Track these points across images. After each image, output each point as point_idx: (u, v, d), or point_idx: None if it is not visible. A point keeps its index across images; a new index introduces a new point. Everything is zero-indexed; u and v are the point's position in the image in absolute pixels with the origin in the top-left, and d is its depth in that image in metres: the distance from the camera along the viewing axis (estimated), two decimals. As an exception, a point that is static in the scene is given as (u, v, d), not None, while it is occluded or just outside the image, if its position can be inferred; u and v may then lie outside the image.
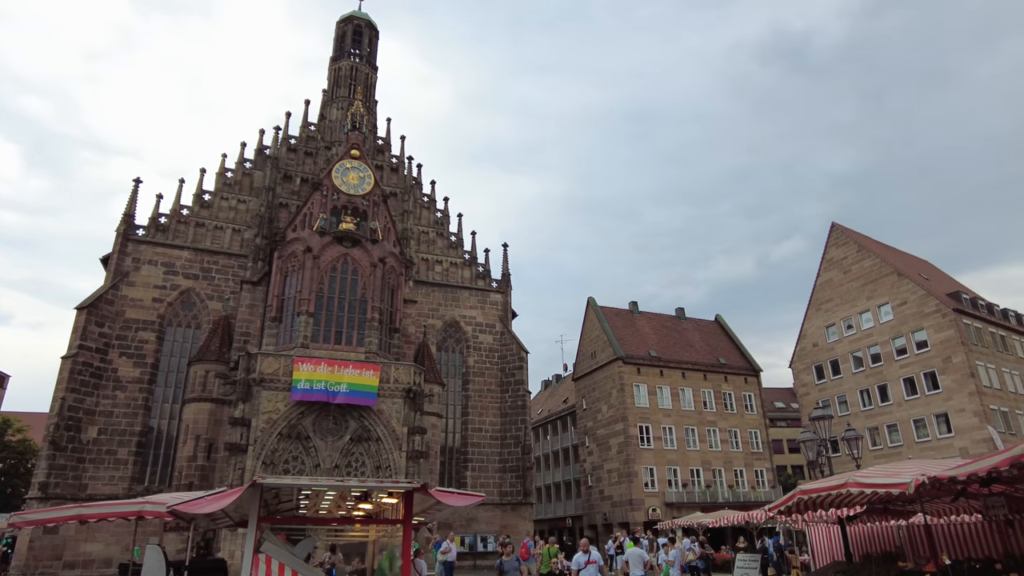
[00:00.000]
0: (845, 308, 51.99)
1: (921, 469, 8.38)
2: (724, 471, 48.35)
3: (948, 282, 55.32)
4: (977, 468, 7.10)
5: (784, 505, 10.82)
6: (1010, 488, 10.95)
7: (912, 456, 39.07)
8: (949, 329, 44.48)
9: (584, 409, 52.56)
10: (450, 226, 44.30)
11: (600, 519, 47.73)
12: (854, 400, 49.93)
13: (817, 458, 14.51)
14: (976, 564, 11.53)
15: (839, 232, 54.59)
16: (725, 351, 54.76)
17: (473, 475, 38.23)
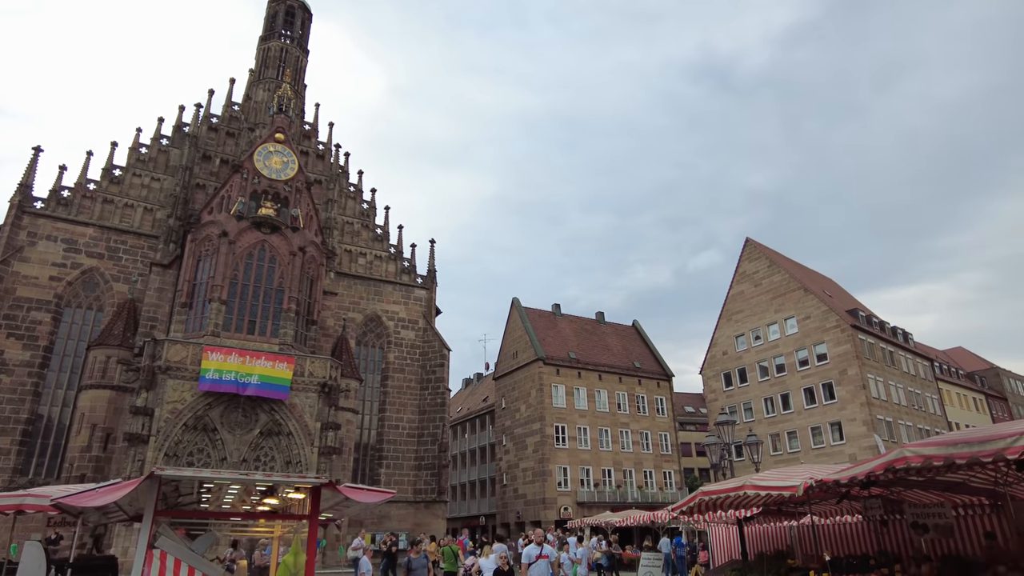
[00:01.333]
0: (754, 319, 54.63)
1: (810, 473, 8.97)
2: (634, 472, 49.82)
3: (848, 299, 59.09)
4: (857, 472, 7.67)
5: (687, 506, 11.30)
6: (887, 491, 11.86)
7: (807, 461, 41.53)
8: (846, 344, 47.55)
9: (503, 408, 52.92)
10: (376, 218, 43.61)
11: (513, 517, 48.19)
12: (759, 407, 52.54)
13: (720, 461, 15.23)
14: (854, 560, 12.45)
15: (752, 247, 57.29)
16: (640, 355, 56.42)
17: (388, 472, 37.77)
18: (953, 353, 76.95)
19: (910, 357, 54.90)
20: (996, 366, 74.37)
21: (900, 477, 9.99)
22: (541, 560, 10.97)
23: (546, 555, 11.13)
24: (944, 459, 6.64)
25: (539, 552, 11.11)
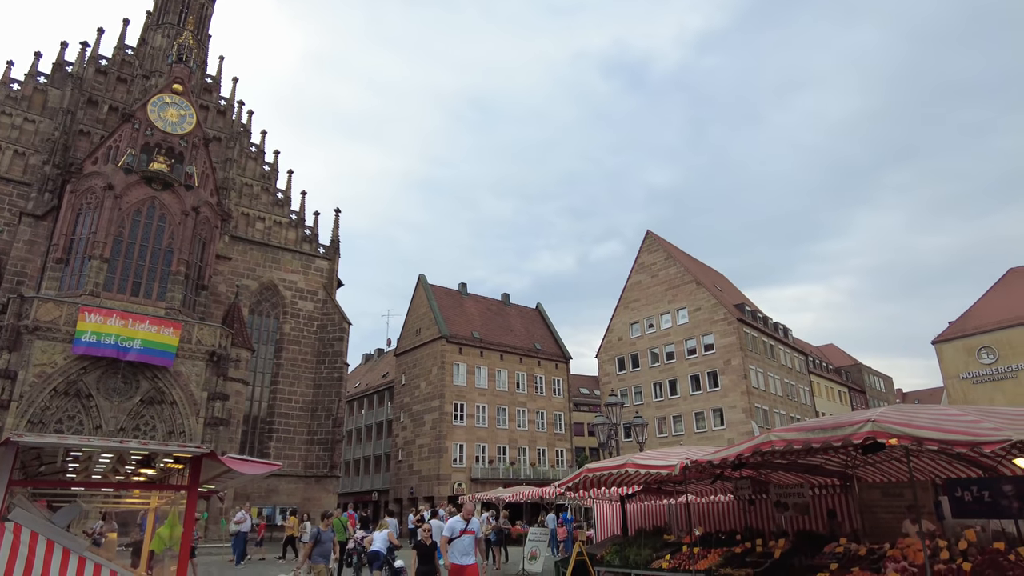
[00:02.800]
0: (649, 309, 57.04)
1: (687, 454, 9.59)
2: (528, 450, 51.02)
3: (736, 295, 62.78)
4: (729, 454, 8.28)
5: (572, 482, 11.75)
6: (756, 473, 12.84)
7: (689, 444, 44.07)
8: (732, 336, 50.61)
9: (403, 385, 52.57)
10: (278, 182, 41.83)
11: (407, 493, 48.20)
12: (648, 392, 55.11)
13: (607, 441, 15.93)
14: (722, 535, 13.43)
15: (652, 239, 59.60)
16: (542, 338, 57.59)
17: (278, 446, 36.69)
18: (825, 349, 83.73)
19: (788, 351, 59.21)
20: (860, 363, 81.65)
21: (767, 460, 10.85)
22: (465, 536, 9.93)
23: (471, 530, 10.07)
24: (803, 443, 7.28)
25: (464, 527, 10.01)
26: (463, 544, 9.73)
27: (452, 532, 9.88)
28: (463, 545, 9.73)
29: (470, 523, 10.08)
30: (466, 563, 9.69)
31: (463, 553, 9.69)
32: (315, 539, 11.67)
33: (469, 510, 10.33)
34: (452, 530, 9.92)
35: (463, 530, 9.86)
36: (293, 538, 23.88)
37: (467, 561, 9.70)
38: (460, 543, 9.72)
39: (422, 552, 10.02)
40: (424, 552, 10.01)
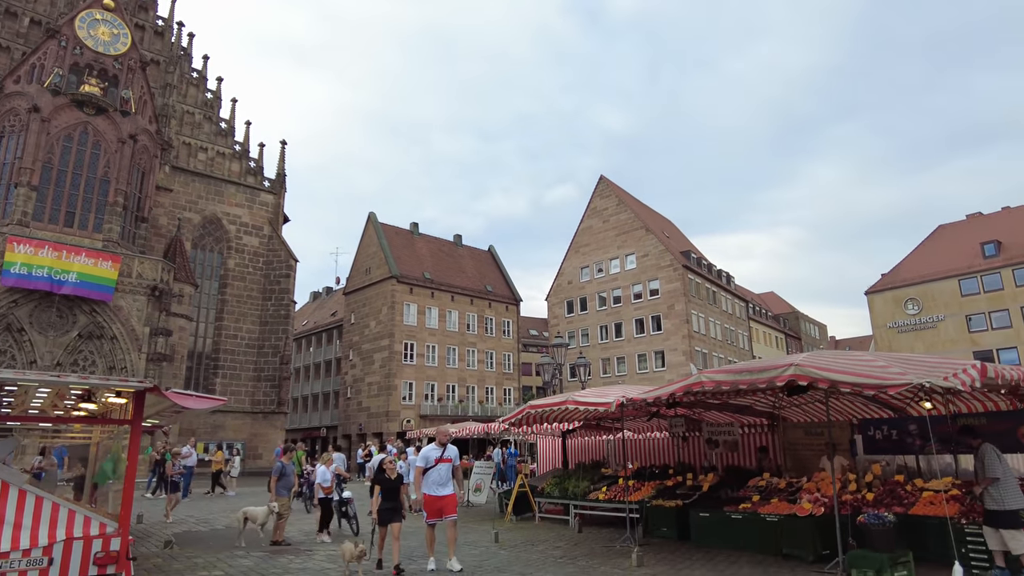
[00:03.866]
0: (599, 253, 57.86)
1: (623, 392, 10.06)
2: (477, 388, 52.03)
3: (683, 241, 64.12)
4: (661, 393, 8.75)
5: (516, 418, 12.20)
6: (690, 411, 13.57)
7: (631, 385, 45.67)
8: (677, 281, 51.99)
9: (352, 324, 52.40)
10: (221, 111, 40.02)
11: (355, 429, 48.77)
12: (595, 334, 56.49)
13: (552, 380, 16.48)
14: (656, 469, 14.25)
15: (605, 185, 59.90)
16: (493, 279, 57.93)
17: (224, 382, 36.40)
18: (766, 297, 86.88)
19: (729, 298, 61.27)
20: (797, 311, 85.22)
21: (700, 399, 11.46)
22: (442, 464, 8.84)
23: (448, 458, 8.93)
24: (731, 384, 7.75)
25: (440, 454, 8.88)
26: (439, 473, 8.85)
27: (427, 461, 8.88)
28: (439, 475, 8.85)
29: (446, 450, 9.04)
30: (443, 493, 8.80)
31: (440, 483, 8.83)
32: (279, 473, 11.88)
33: (444, 434, 9.23)
34: (427, 459, 8.91)
35: (439, 458, 8.88)
36: (219, 472, 24.12)
37: (444, 491, 8.83)
38: (436, 472, 8.83)
39: (387, 487, 8.94)
40: (389, 487, 8.97)
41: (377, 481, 8.95)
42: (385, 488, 8.84)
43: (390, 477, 8.98)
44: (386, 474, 8.99)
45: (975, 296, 48.91)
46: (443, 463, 8.91)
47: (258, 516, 11.08)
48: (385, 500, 8.78)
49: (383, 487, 8.83)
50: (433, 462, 8.87)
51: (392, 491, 8.93)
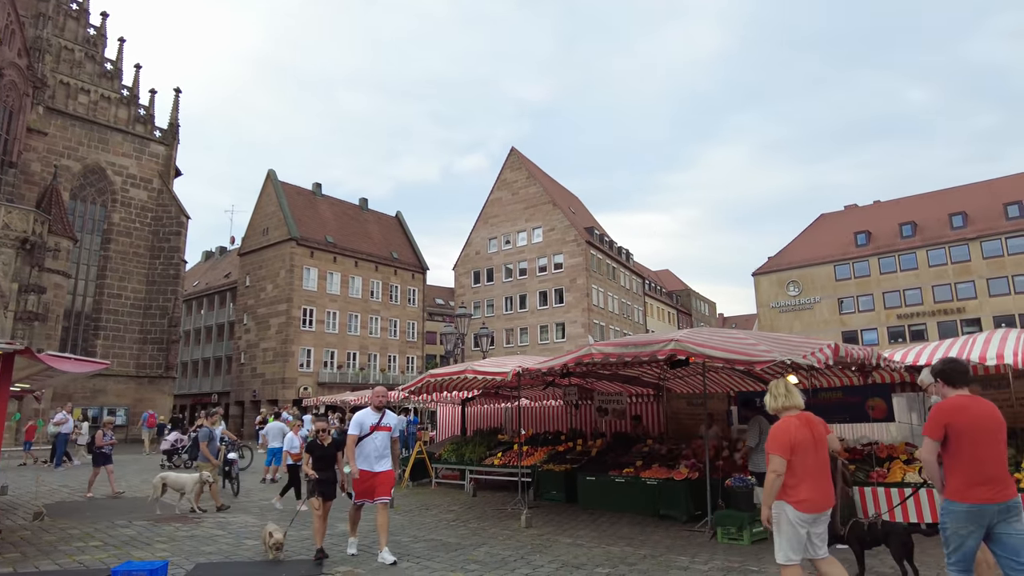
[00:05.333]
0: (507, 225, 58.40)
1: (520, 363, 10.41)
2: (379, 356, 51.57)
3: (588, 217, 65.74)
4: (555, 363, 9.15)
5: (415, 386, 12.34)
6: (584, 381, 14.21)
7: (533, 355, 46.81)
8: (580, 256, 53.45)
9: (247, 286, 50.30)
10: (106, 50, 36.79)
11: (249, 396, 47.22)
12: (500, 305, 57.26)
13: (454, 349, 16.70)
14: (549, 435, 14.90)
15: (516, 157, 60.24)
16: (400, 246, 57.20)
17: (106, 344, 34.15)
18: (661, 274, 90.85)
19: (628, 274, 63.67)
20: (690, 288, 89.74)
21: (592, 370, 12.04)
22: (378, 433, 7.31)
23: (387, 426, 7.42)
24: (617, 356, 8.23)
25: (377, 420, 7.35)
26: (375, 444, 7.27)
27: (361, 428, 7.29)
28: (375, 445, 7.27)
29: (384, 416, 7.44)
30: (379, 469, 7.23)
31: (377, 456, 7.26)
32: (208, 438, 11.65)
33: (380, 395, 7.62)
34: (361, 425, 7.31)
35: (375, 425, 7.32)
36: None
37: (381, 466, 7.27)
38: (371, 443, 7.26)
39: (318, 456, 7.62)
40: (321, 456, 7.63)
41: (309, 449, 7.78)
42: (317, 457, 7.60)
43: (323, 444, 7.73)
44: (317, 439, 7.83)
45: (847, 281, 53.41)
46: (380, 431, 7.35)
47: (185, 484, 10.69)
48: (318, 470, 7.56)
49: (314, 456, 7.61)
50: (368, 429, 7.30)
51: (325, 460, 7.61)
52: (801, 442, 4.38)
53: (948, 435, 4.11)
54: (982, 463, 4.05)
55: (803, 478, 4.36)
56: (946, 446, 4.13)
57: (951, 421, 4.10)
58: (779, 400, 4.61)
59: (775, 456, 4.37)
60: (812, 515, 4.38)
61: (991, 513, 4.00)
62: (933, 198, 54.58)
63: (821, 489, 4.43)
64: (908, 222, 52.38)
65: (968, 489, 4.02)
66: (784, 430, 4.42)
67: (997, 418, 4.18)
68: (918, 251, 50.45)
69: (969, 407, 4.15)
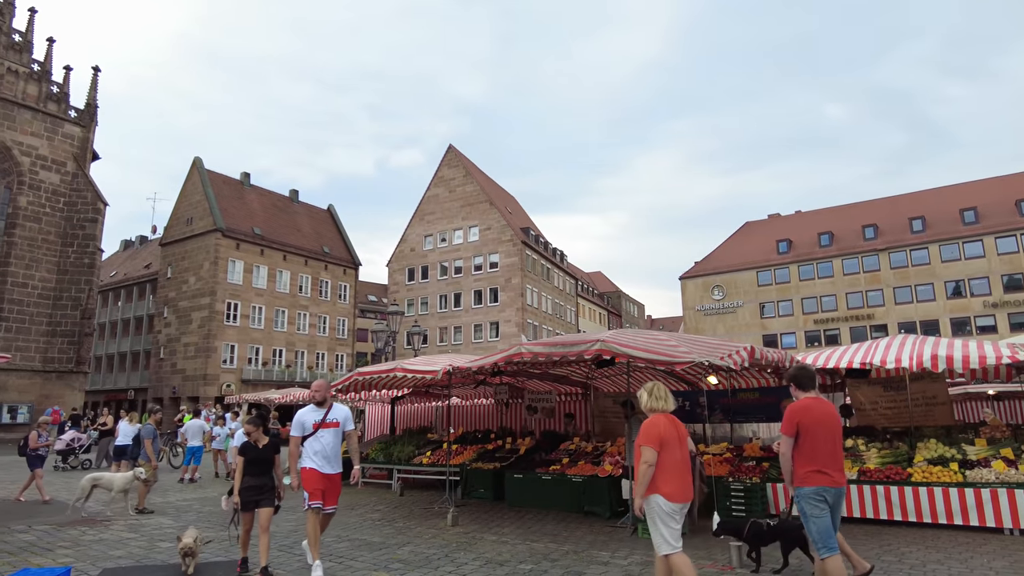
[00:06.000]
0: (443, 223, 58.14)
1: (450, 361, 10.42)
2: (307, 353, 50.33)
3: (524, 218, 66.23)
4: (485, 362, 9.21)
5: (343, 384, 12.14)
6: (514, 380, 14.34)
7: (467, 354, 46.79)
8: (515, 256, 53.79)
9: (169, 278, 48.11)
10: (13, 20, 34.40)
11: (168, 392, 45.17)
12: (434, 303, 56.94)
13: (384, 347, 16.48)
14: (479, 434, 14.95)
15: (454, 154, 60.03)
16: (331, 241, 55.99)
17: (8, 337, 31.91)
18: (594, 275, 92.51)
19: (562, 275, 64.52)
20: (621, 290, 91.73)
21: (522, 369, 12.18)
22: (326, 431, 6.42)
23: (334, 421, 6.50)
24: (546, 356, 8.36)
25: (321, 417, 6.46)
26: (323, 444, 6.38)
27: (303, 428, 6.43)
28: (323, 445, 6.38)
29: (331, 410, 6.54)
30: (329, 470, 6.42)
31: (324, 456, 6.38)
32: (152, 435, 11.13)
33: (321, 388, 6.70)
34: (302, 425, 6.44)
35: (320, 422, 6.43)
36: None
37: (332, 468, 6.45)
38: (318, 442, 6.39)
39: (252, 459, 6.54)
40: (256, 458, 6.56)
41: (242, 452, 6.61)
42: (250, 460, 6.52)
43: (257, 445, 6.60)
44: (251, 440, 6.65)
45: (768, 286, 55.82)
46: (327, 428, 6.42)
47: (115, 483, 10.07)
48: (251, 476, 6.47)
49: (247, 458, 6.51)
50: (311, 428, 6.42)
51: (260, 464, 6.55)
52: (669, 438, 4.76)
53: (799, 431, 4.78)
54: (822, 455, 4.76)
55: (669, 471, 4.70)
56: (796, 441, 4.80)
57: (801, 420, 4.79)
58: (655, 401, 4.96)
59: (647, 448, 4.69)
60: (678, 505, 4.72)
61: (832, 495, 4.77)
62: (848, 210, 57.79)
63: (684, 483, 4.78)
64: (826, 232, 55.24)
65: (813, 476, 4.73)
66: (655, 425, 4.79)
67: (835, 417, 4.95)
68: (834, 260, 53.29)
69: (813, 408, 4.85)
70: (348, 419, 6.68)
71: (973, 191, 52.02)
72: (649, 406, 4.97)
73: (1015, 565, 6.49)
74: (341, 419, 6.59)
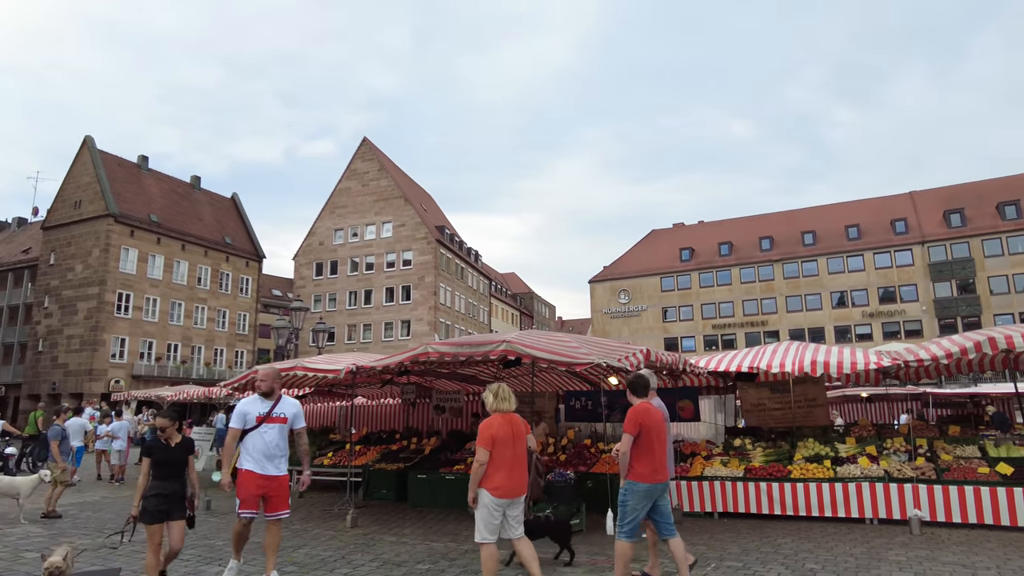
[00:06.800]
0: (356, 217, 56.90)
1: (354, 360, 10.23)
2: (204, 349, 47.91)
3: (439, 216, 65.90)
4: (390, 362, 9.11)
5: (240, 382, 11.65)
6: (423, 379, 14.25)
7: (376, 352, 45.98)
8: (429, 255, 53.42)
9: (52, 264, 44.46)
10: None
11: (47, 388, 41.73)
12: (343, 299, 55.62)
13: (286, 344, 15.95)
14: (384, 434, 14.75)
15: (368, 147, 58.89)
16: (234, 231, 53.55)
17: None
18: (507, 276, 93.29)
19: (476, 275, 64.64)
20: (533, 292, 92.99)
21: (430, 368, 12.12)
22: (270, 426, 5.67)
23: (281, 416, 5.77)
24: (452, 355, 8.38)
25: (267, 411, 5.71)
26: (266, 440, 5.61)
27: (245, 420, 5.63)
28: (266, 442, 5.61)
29: (279, 403, 5.80)
30: (272, 472, 5.67)
31: (268, 455, 5.64)
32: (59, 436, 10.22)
33: (271, 377, 5.87)
34: (244, 417, 5.64)
35: (263, 415, 5.65)
36: None
37: (276, 468, 5.70)
38: (260, 439, 5.61)
39: (161, 460, 5.46)
40: (165, 460, 5.48)
41: (148, 451, 5.47)
42: (159, 461, 5.44)
43: (169, 443, 5.53)
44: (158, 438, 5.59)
45: (671, 292, 58.22)
46: (273, 424, 5.67)
47: (21, 488, 9.12)
48: (160, 480, 5.40)
49: (155, 459, 5.43)
50: (254, 421, 5.63)
51: (171, 467, 5.50)
52: (502, 437, 5.10)
53: (641, 431, 5.33)
54: (659, 453, 5.41)
55: (500, 468, 5.06)
56: (636, 441, 5.34)
57: (643, 421, 5.36)
58: (500, 402, 5.31)
59: (480, 448, 5.09)
60: (506, 500, 5.08)
61: (659, 490, 5.41)
62: (747, 222, 61.17)
63: (515, 478, 5.13)
64: (726, 242, 58.23)
65: (650, 474, 5.31)
66: (488, 426, 5.14)
67: (666, 419, 5.71)
68: (732, 269, 56.26)
69: (650, 411, 5.48)
70: (299, 415, 5.99)
71: (857, 209, 56.35)
72: (494, 407, 5.28)
73: (871, 551, 7.12)
74: (290, 415, 5.90)
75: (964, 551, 7.07)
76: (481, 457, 5.06)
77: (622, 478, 5.42)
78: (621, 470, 5.42)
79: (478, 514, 5.11)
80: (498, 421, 5.17)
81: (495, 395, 5.33)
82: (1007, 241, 47.87)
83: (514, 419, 5.29)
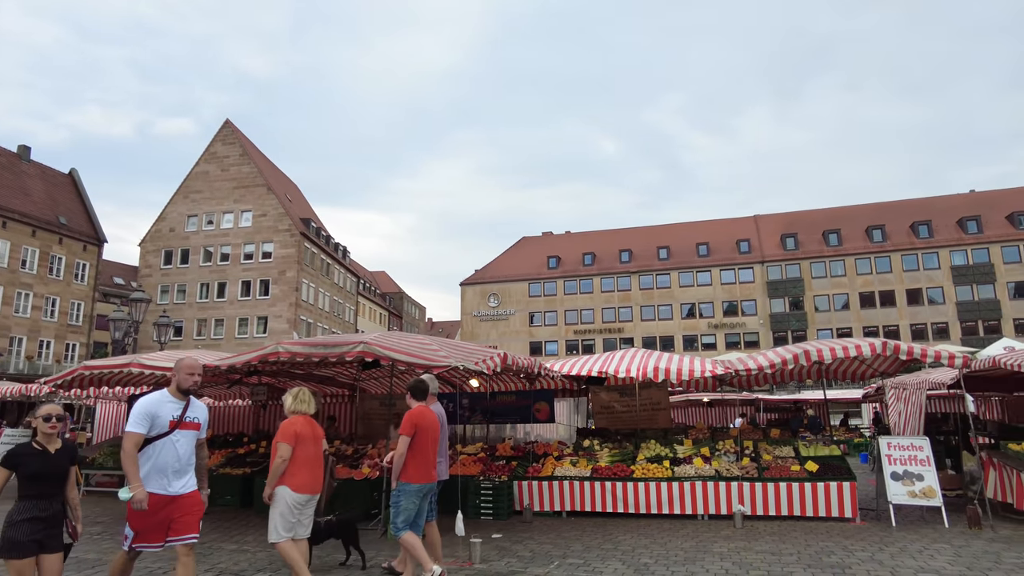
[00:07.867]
0: (212, 204, 53.23)
1: (199, 358, 9.58)
2: (26, 340, 42.65)
3: (305, 208, 63.26)
4: (237, 361, 8.63)
5: (63, 379, 10.53)
6: (274, 380, 13.62)
7: (228, 350, 43.22)
8: (292, 248, 51.10)
9: None
10: None
11: None
12: (194, 291, 51.78)
13: (124, 338, 14.58)
14: (231, 437, 13.93)
15: (230, 130, 55.38)
16: (70, 211, 48.19)
17: None
18: (377, 275, 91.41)
19: (343, 271, 62.73)
20: (403, 292, 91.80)
21: (283, 369, 11.62)
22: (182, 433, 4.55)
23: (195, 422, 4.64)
24: (305, 356, 8.10)
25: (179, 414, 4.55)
26: (177, 450, 4.50)
27: (152, 423, 4.42)
28: (177, 453, 4.51)
29: (190, 407, 4.67)
30: (178, 490, 4.50)
31: (176, 470, 4.51)
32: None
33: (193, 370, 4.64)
34: (151, 419, 4.43)
35: (177, 419, 4.52)
36: None
37: (183, 486, 4.55)
38: (170, 448, 4.47)
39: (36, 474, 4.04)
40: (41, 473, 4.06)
41: (13, 462, 4.02)
42: (33, 475, 4.04)
43: (47, 450, 4.14)
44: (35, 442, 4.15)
45: (538, 298, 59.92)
46: (186, 430, 4.59)
47: None
48: (31, 500, 4.02)
49: (28, 473, 4.03)
50: (167, 426, 4.48)
51: (48, 482, 4.10)
52: (304, 436, 5.39)
53: (416, 432, 5.61)
54: (429, 456, 5.74)
55: (303, 465, 5.35)
56: (412, 441, 5.61)
57: (418, 423, 5.66)
58: (299, 404, 5.57)
59: (283, 444, 5.27)
60: (305, 496, 5.36)
61: (429, 489, 5.78)
62: (610, 235, 64.35)
63: (314, 475, 5.46)
64: (590, 252, 60.89)
65: (422, 475, 5.65)
66: (292, 424, 5.41)
67: (439, 423, 6.00)
68: (595, 278, 58.93)
69: (426, 415, 5.80)
70: (206, 423, 4.88)
71: (708, 229, 61.09)
72: (292, 408, 5.55)
73: (700, 544, 7.76)
74: (203, 420, 4.79)
75: (775, 540, 7.90)
76: (284, 453, 5.22)
77: (395, 480, 5.65)
78: (395, 472, 5.64)
79: (275, 512, 5.22)
80: (301, 421, 5.45)
81: (295, 397, 5.60)
82: (829, 264, 54.01)
83: (312, 422, 5.60)
